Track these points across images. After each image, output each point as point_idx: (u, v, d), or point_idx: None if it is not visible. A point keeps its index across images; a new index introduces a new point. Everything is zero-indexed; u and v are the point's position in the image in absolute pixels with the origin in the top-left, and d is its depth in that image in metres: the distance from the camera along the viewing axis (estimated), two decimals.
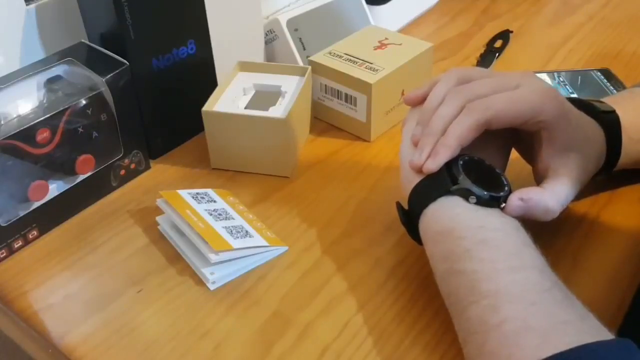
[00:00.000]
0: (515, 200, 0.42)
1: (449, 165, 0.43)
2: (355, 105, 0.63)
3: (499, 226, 0.40)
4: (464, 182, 0.42)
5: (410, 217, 0.45)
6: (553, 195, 0.43)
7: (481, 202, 0.41)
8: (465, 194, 0.41)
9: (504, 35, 0.84)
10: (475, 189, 0.41)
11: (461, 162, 0.43)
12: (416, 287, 0.47)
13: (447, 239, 0.40)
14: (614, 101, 0.52)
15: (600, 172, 0.50)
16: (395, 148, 0.62)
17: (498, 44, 0.83)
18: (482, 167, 0.44)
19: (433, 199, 0.42)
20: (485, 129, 0.43)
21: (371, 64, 0.64)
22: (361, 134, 0.65)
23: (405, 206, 0.45)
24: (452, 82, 0.46)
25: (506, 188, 0.43)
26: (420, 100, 0.47)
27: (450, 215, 0.41)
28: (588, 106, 0.49)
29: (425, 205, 0.42)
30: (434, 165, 0.43)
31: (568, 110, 0.45)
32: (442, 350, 0.42)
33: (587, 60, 0.78)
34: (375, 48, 0.67)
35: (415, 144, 0.45)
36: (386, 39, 0.68)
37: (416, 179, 0.44)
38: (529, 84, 0.44)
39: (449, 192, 0.42)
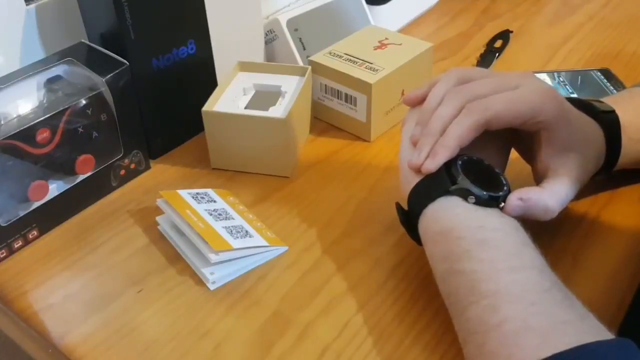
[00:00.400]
0: (514, 200, 0.42)
1: (448, 166, 0.43)
2: (355, 105, 0.63)
3: (498, 226, 0.40)
4: (463, 182, 0.42)
5: (409, 217, 0.45)
6: (552, 194, 0.43)
7: (480, 202, 0.41)
8: (465, 194, 0.41)
9: (504, 35, 0.84)
10: (475, 189, 0.41)
11: (460, 162, 0.43)
12: (416, 287, 0.47)
13: (447, 239, 0.40)
14: (614, 101, 0.52)
15: (600, 172, 0.50)
16: (395, 148, 0.62)
17: (498, 44, 0.83)
18: (481, 167, 0.44)
19: (432, 199, 0.42)
20: (484, 129, 0.43)
21: (371, 64, 0.64)
22: (361, 134, 0.65)
23: (405, 206, 0.45)
24: (452, 82, 0.46)
25: (505, 188, 0.43)
26: (420, 101, 0.47)
27: (450, 215, 0.41)
28: (588, 106, 0.49)
29: (425, 206, 0.42)
30: (432, 165, 0.43)
31: (568, 110, 0.45)
32: (442, 350, 0.42)
33: (587, 60, 0.78)
34: (375, 48, 0.67)
35: (415, 144, 0.45)
36: (386, 39, 0.68)
37: (415, 179, 0.44)
38: (529, 84, 0.44)
39: (448, 192, 0.42)
